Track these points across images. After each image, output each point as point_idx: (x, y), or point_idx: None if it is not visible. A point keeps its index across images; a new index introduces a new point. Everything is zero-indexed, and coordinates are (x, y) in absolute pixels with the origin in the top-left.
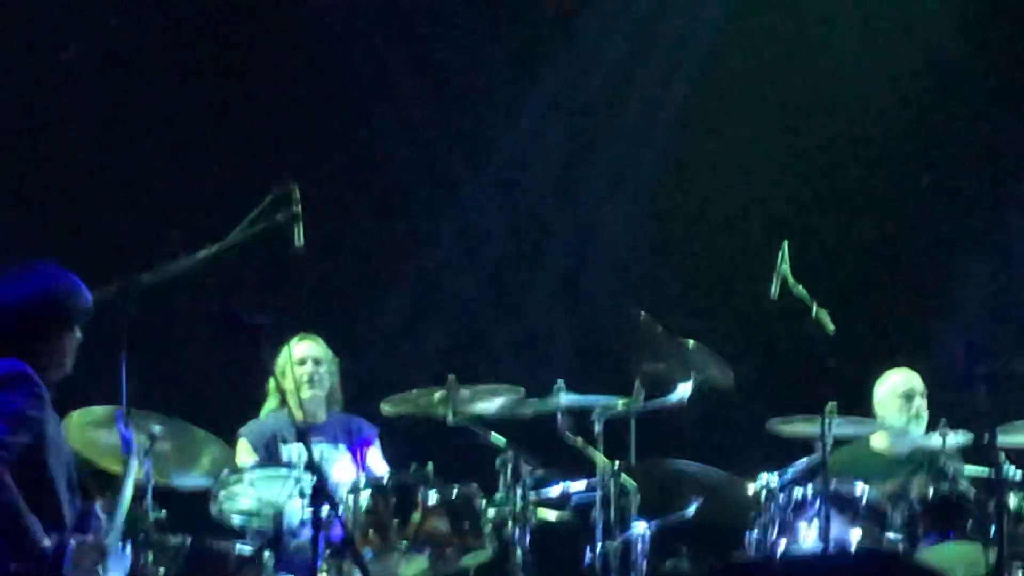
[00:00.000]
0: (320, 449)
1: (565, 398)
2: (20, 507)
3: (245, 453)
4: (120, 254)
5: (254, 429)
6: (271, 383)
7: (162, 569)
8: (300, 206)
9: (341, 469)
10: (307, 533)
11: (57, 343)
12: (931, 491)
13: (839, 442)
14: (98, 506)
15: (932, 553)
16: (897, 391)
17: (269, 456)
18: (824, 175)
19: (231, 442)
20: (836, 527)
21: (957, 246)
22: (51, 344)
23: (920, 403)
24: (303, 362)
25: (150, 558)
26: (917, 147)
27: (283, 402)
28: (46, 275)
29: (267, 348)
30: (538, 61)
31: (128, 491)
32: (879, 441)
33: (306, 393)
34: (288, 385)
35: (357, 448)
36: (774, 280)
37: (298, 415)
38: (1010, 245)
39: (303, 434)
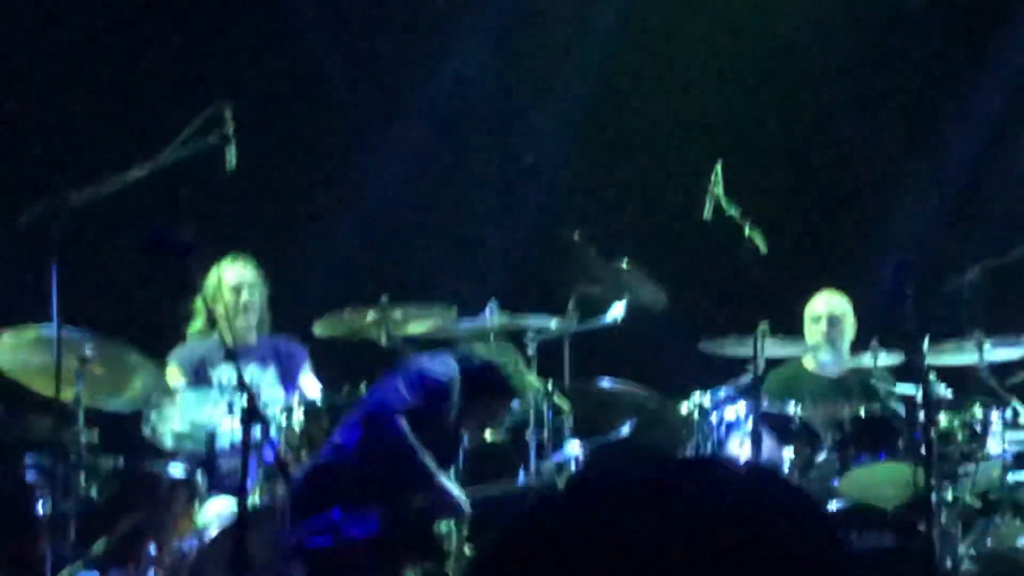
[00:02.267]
0: (250, 371)
1: (498, 318)
2: (414, 449)
3: (175, 377)
4: (51, 172)
5: (183, 353)
6: (198, 303)
7: (94, 491)
8: (232, 127)
9: (271, 391)
10: (239, 454)
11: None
12: (862, 411)
13: (772, 362)
14: None
15: (863, 473)
16: (811, 314)
17: (199, 380)
18: (757, 96)
19: (161, 362)
20: (768, 447)
21: (889, 166)
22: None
23: (830, 328)
24: (238, 289)
25: (82, 479)
26: (849, 66)
27: (211, 324)
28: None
29: (194, 268)
30: None
31: None
32: (811, 363)
33: (240, 320)
34: (220, 308)
35: (288, 370)
36: (707, 200)
37: (228, 338)
38: (942, 164)
39: (232, 355)
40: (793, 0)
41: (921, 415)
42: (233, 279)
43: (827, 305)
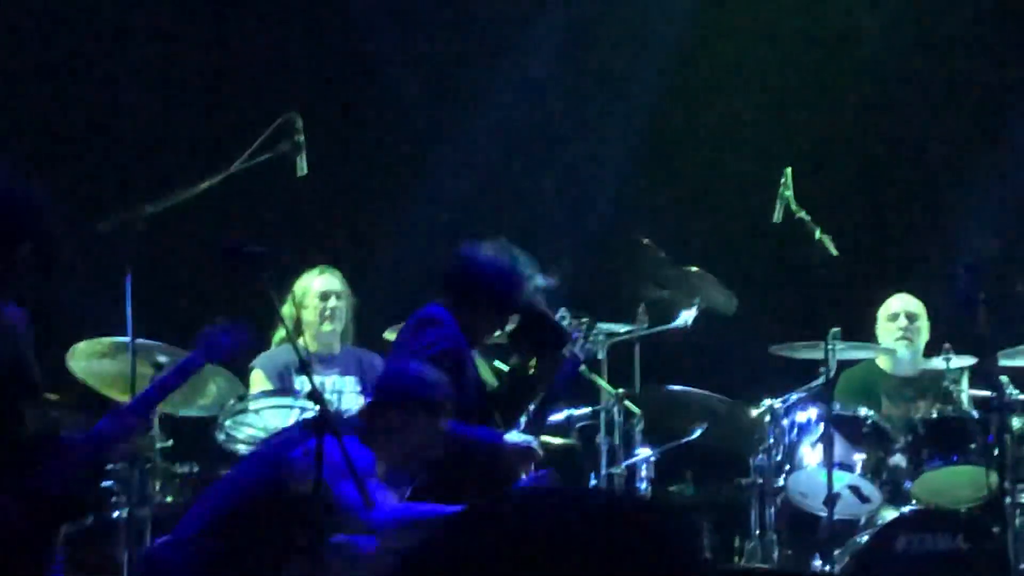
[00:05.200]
0: (332, 380)
1: (568, 324)
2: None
3: (260, 384)
4: (125, 184)
5: (267, 360)
6: (285, 311)
7: (169, 497)
8: (303, 135)
9: (351, 399)
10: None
11: (487, 319)
12: (935, 414)
13: (844, 363)
14: None
15: (936, 476)
16: (887, 312)
17: (283, 386)
18: (827, 99)
19: (235, 372)
20: (840, 450)
21: (961, 169)
22: (481, 318)
23: (909, 324)
24: (326, 296)
25: (157, 486)
26: (920, 70)
27: (297, 332)
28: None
29: (268, 278)
30: None
31: None
32: (886, 364)
33: (327, 327)
34: (308, 316)
35: (368, 381)
36: (777, 205)
37: (312, 347)
38: (1013, 168)
39: (305, 364)
40: (862, 3)
41: (994, 418)
42: (321, 287)
43: (904, 304)
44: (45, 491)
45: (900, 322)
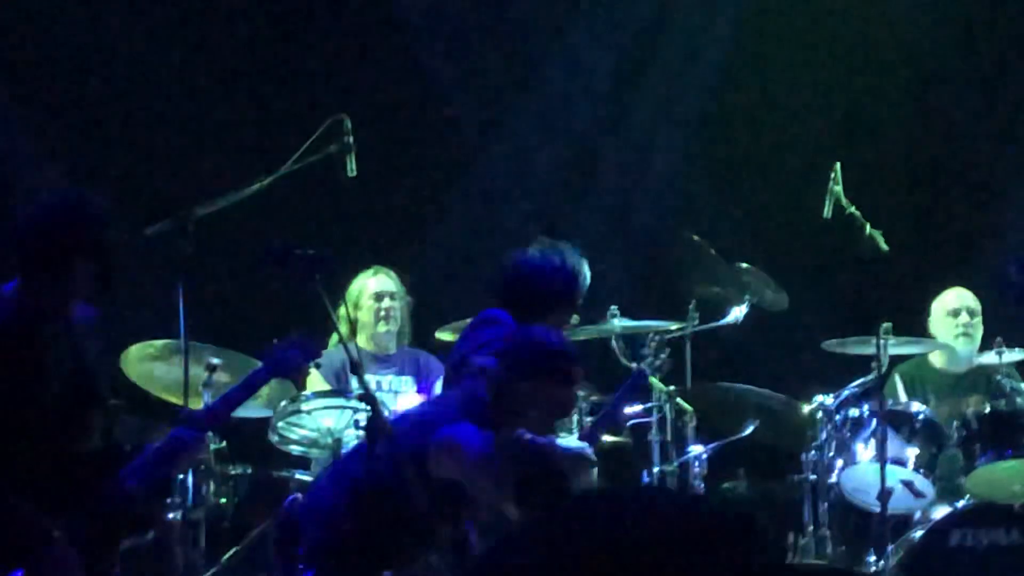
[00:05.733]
0: (389, 380)
1: (619, 323)
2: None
3: (317, 384)
4: (175, 187)
5: (325, 360)
6: (341, 311)
7: (224, 499)
8: (352, 137)
9: (407, 401)
10: None
11: (546, 321)
12: (988, 408)
13: (895, 361)
14: None
15: (989, 470)
16: (945, 308)
17: (339, 386)
18: (875, 94)
19: None
20: (892, 446)
21: (1011, 163)
22: (540, 320)
23: (967, 320)
24: (380, 297)
25: (212, 488)
26: (966, 64)
27: (352, 333)
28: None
29: (319, 281)
30: None
31: None
32: (938, 359)
33: (382, 327)
34: (363, 317)
35: (424, 382)
36: (827, 201)
37: (368, 347)
38: None
39: (356, 366)
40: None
41: None
42: (375, 287)
43: (963, 299)
44: (109, 506)
45: (962, 318)
